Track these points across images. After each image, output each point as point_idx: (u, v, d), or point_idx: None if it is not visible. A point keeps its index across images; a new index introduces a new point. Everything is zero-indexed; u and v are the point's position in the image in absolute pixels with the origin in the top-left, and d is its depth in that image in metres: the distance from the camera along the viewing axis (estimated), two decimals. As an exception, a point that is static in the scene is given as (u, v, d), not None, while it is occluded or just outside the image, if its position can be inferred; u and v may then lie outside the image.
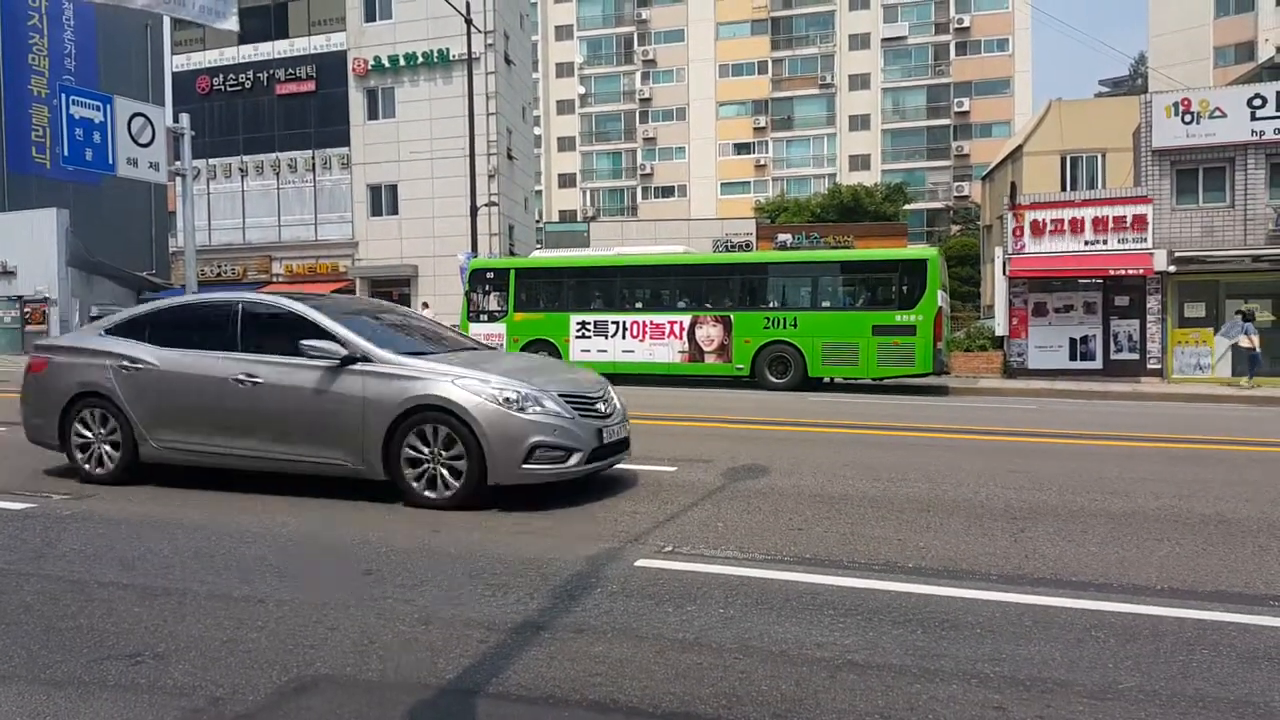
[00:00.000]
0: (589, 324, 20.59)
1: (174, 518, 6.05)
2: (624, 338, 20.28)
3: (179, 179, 29.95)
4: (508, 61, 36.63)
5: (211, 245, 36.57)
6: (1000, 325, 23.93)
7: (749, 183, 66.34)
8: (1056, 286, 23.11)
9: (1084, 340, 22.98)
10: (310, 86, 36.50)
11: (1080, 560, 5.22)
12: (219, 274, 36.45)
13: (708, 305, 19.93)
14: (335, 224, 36.56)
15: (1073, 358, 22.97)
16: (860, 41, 65.43)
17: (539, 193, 61.17)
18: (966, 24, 63.27)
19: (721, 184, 66.89)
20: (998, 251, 25.06)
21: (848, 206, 51.02)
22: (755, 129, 66.30)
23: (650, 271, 21.21)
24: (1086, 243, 22.58)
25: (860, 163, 65.23)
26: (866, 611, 4.25)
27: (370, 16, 35.89)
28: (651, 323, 20.12)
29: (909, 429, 11.74)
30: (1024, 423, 12.83)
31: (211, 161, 36.88)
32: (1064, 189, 30.76)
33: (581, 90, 70.76)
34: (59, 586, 4.55)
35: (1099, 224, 22.51)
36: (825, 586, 4.64)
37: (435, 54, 34.85)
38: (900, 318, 18.16)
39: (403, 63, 35.29)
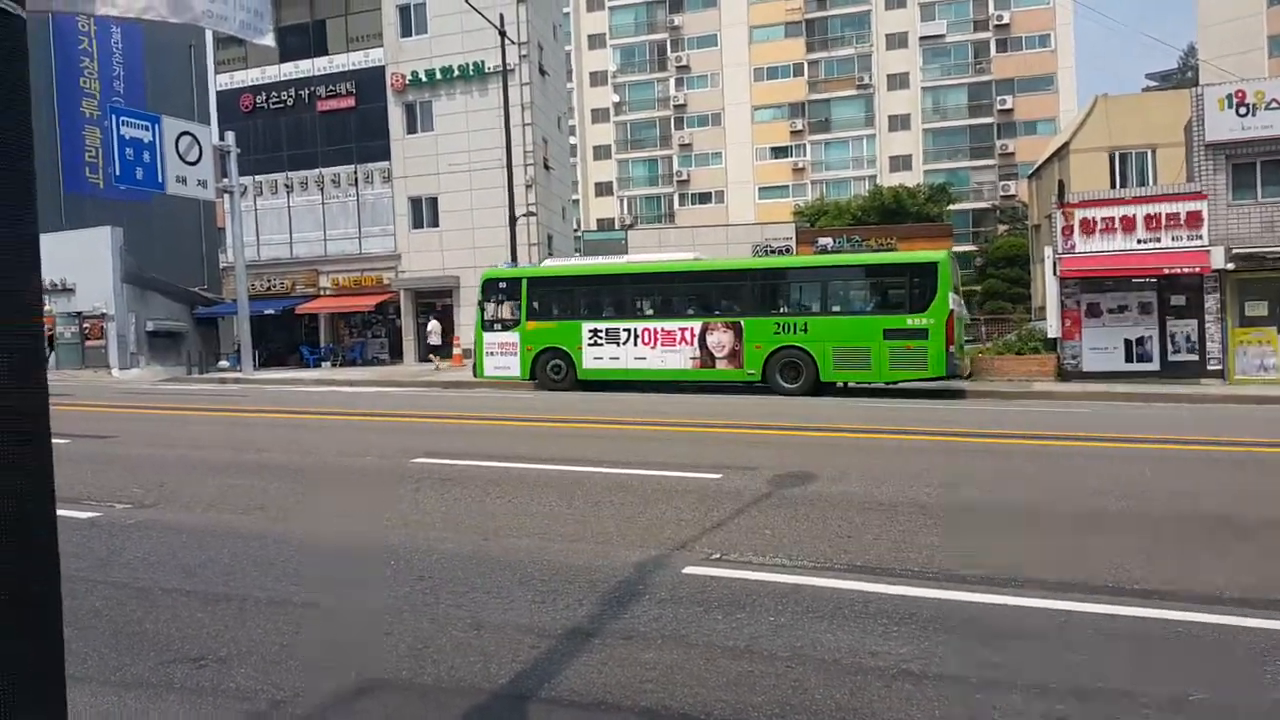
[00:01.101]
0: (601, 332, 20.56)
1: (232, 527, 6.17)
2: (636, 345, 20.25)
3: (227, 195, 30.78)
4: (542, 72, 36.87)
5: (260, 260, 37.18)
6: (1052, 327, 23.50)
7: (787, 186, 65.98)
8: (1109, 286, 22.63)
9: (1140, 341, 22.47)
10: (350, 102, 37.00)
11: (1145, 567, 5.10)
12: (268, 288, 37.03)
13: (719, 312, 19.88)
14: (378, 237, 37.00)
15: (1129, 359, 22.46)
16: (898, 41, 64.83)
17: (576, 201, 61.37)
18: (1006, 20, 62.43)
19: (759, 188, 66.62)
20: (1047, 251, 24.64)
21: (890, 208, 50.51)
22: (792, 132, 65.95)
23: (661, 279, 21.13)
24: (1139, 241, 22.09)
25: (901, 163, 64.58)
26: (921, 620, 4.21)
27: (406, 32, 36.32)
28: (663, 330, 20.07)
29: (956, 434, 11.59)
30: (1079, 427, 12.61)
31: (257, 178, 37.52)
32: (1113, 186, 30.16)
33: (616, 98, 70.95)
34: (125, 593, 4.67)
35: (1151, 221, 22.02)
36: (877, 594, 4.59)
37: (471, 67, 35.18)
38: (911, 321, 18.02)
39: (439, 76, 35.66)
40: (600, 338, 20.52)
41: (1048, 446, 10.25)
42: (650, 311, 20.67)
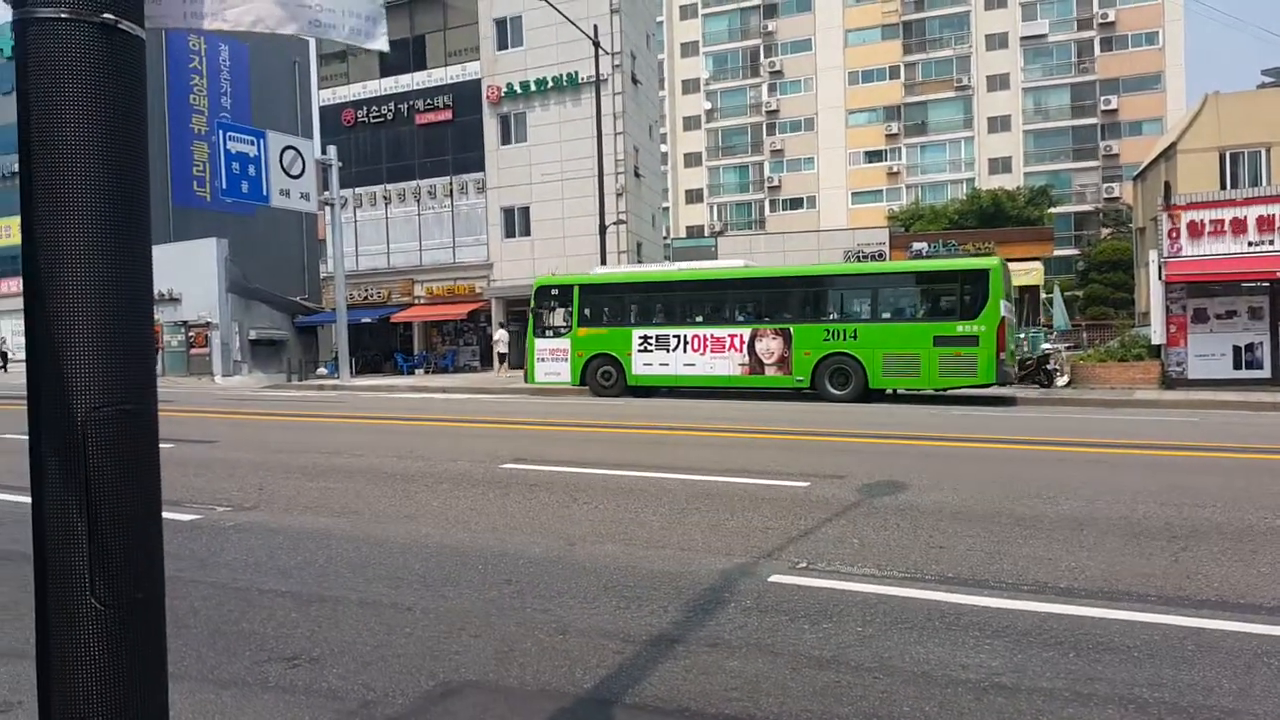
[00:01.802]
0: (651, 338, 20.79)
1: (326, 529, 6.37)
2: (685, 351, 20.42)
3: (328, 208, 31.87)
4: (634, 81, 37.13)
5: (359, 270, 38.42)
6: (1157, 333, 22.50)
7: (881, 191, 64.82)
8: (1218, 291, 21.55)
9: (1249, 348, 21.32)
10: (447, 115, 37.95)
11: (1249, 582, 4.84)
12: (366, 297, 38.23)
13: (767, 318, 19.96)
14: (471, 246, 37.81)
15: (1237, 366, 21.34)
16: (998, 41, 63.08)
17: (666, 209, 61.58)
18: (1111, 19, 60.12)
19: (852, 193, 65.63)
20: (1152, 255, 23.60)
21: (988, 212, 49.11)
22: (887, 135, 64.78)
23: (710, 286, 21.21)
24: (1250, 244, 20.97)
25: (1000, 166, 62.74)
26: (1015, 633, 4.08)
27: (503, 45, 37.08)
28: (712, 336, 20.20)
29: (1052, 443, 11.17)
30: (1183, 436, 12.01)
31: (357, 190, 38.79)
32: (1223, 187, 28.66)
33: (707, 105, 70.95)
34: (223, 593, 4.86)
35: (1264, 223, 20.88)
36: (969, 606, 4.47)
37: (564, 78, 35.68)
38: (962, 328, 17.92)
39: (534, 88, 36.27)
40: (650, 344, 20.78)
41: (1154, 457, 9.79)
42: (700, 318, 20.79)
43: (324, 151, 32.31)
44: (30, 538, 4.99)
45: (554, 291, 22.28)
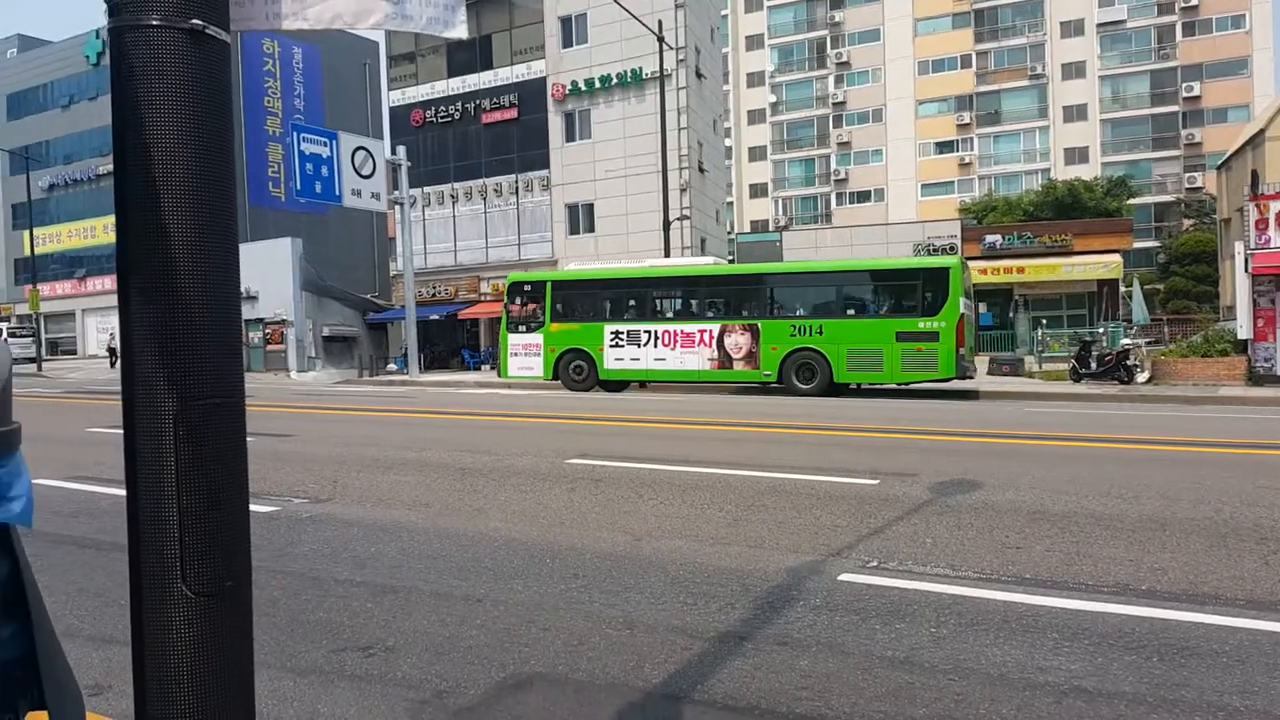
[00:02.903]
0: (622, 333, 21.25)
1: (399, 522, 6.49)
2: (656, 346, 20.90)
3: (397, 207, 32.45)
4: (699, 75, 37.01)
5: (427, 268, 39.04)
6: (1243, 328, 21.63)
7: (953, 183, 63.44)
8: (1310, 283, 20.64)
9: (1345, 342, 20.39)
10: (513, 114, 38.32)
11: (1351, 589, 4.62)
12: (434, 295, 38.84)
13: (736, 314, 20.49)
14: (536, 244, 38.15)
15: (1331, 361, 20.42)
16: (1073, 28, 61.23)
17: (730, 204, 61.24)
18: (1194, 2, 57.88)
19: (922, 185, 64.38)
20: (1238, 247, 22.68)
21: (1064, 203, 47.69)
22: (959, 126, 63.35)
23: (681, 282, 21.78)
24: (1345, 233, 20.05)
25: (1077, 156, 60.92)
26: (1095, 636, 3.96)
27: (568, 42, 37.29)
28: (682, 332, 20.72)
29: (1132, 441, 10.83)
30: (1273, 434, 11.53)
31: (425, 189, 39.42)
32: (1317, 174, 27.43)
33: (772, 98, 70.32)
34: (300, 582, 4.98)
35: (1361, 211, 19.93)
36: (1047, 608, 4.36)
37: (629, 74, 35.73)
38: (923, 325, 18.51)
39: (598, 85, 36.41)
40: (621, 339, 21.28)
41: (1240, 455, 9.42)
42: (670, 314, 21.41)
43: (394, 152, 32.90)
44: (119, 527, 5.18)
45: (527, 288, 22.88)
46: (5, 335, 42.98)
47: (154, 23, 1.53)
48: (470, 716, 3.23)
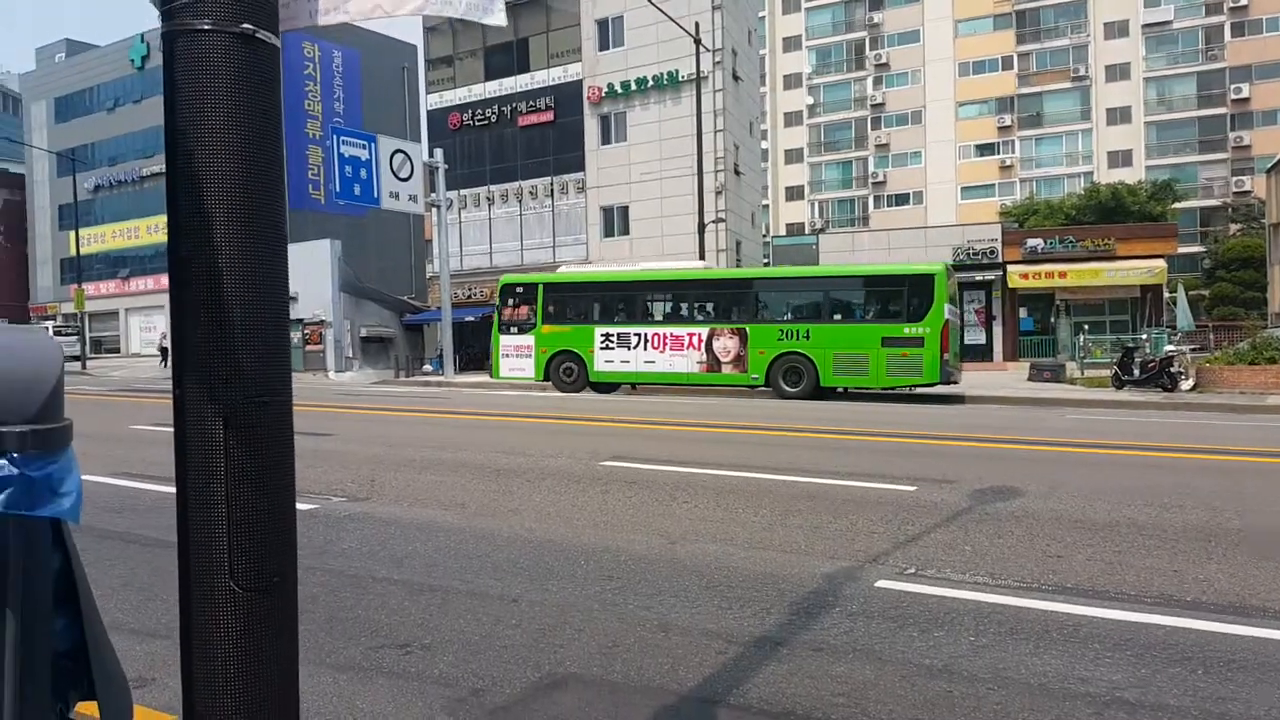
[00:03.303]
0: (612, 336, 21.54)
1: (435, 521, 6.54)
2: (645, 349, 21.17)
3: (434, 209, 32.72)
4: (735, 78, 36.93)
5: (463, 269, 39.30)
6: (1292, 334, 21.17)
7: (993, 185, 62.60)
8: (1364, 289, 20.14)
9: (1400, 350, 19.85)
10: (549, 117, 38.49)
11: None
12: (469, 296, 39.07)
13: (725, 318, 20.75)
14: (571, 246, 38.26)
15: (1386, 370, 19.90)
16: (1117, 29, 60.23)
17: (766, 207, 61.00)
18: (1244, 2, 56.70)
19: (962, 188, 63.63)
20: (1288, 251, 22.20)
21: (1107, 207, 46.91)
22: (999, 128, 62.54)
23: (670, 286, 22.12)
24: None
25: (1120, 159, 59.89)
26: (1137, 647, 3.89)
27: (604, 45, 37.39)
28: (671, 335, 21.01)
29: (1175, 450, 10.62)
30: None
31: (462, 191, 39.69)
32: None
33: (810, 100, 69.94)
34: (339, 580, 5.03)
35: None
36: (1089, 618, 4.29)
37: (665, 76, 35.74)
38: (908, 330, 18.78)
39: (634, 87, 36.46)
40: (612, 342, 21.57)
41: (1293, 468, 9.21)
42: (660, 317, 21.75)
43: (431, 154, 33.19)
44: (162, 523, 5.28)
45: (519, 290, 23.15)
46: (51, 334, 43.93)
47: (205, 27, 1.55)
48: (506, 715, 3.25)
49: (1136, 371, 20.81)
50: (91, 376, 33.45)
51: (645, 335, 21.25)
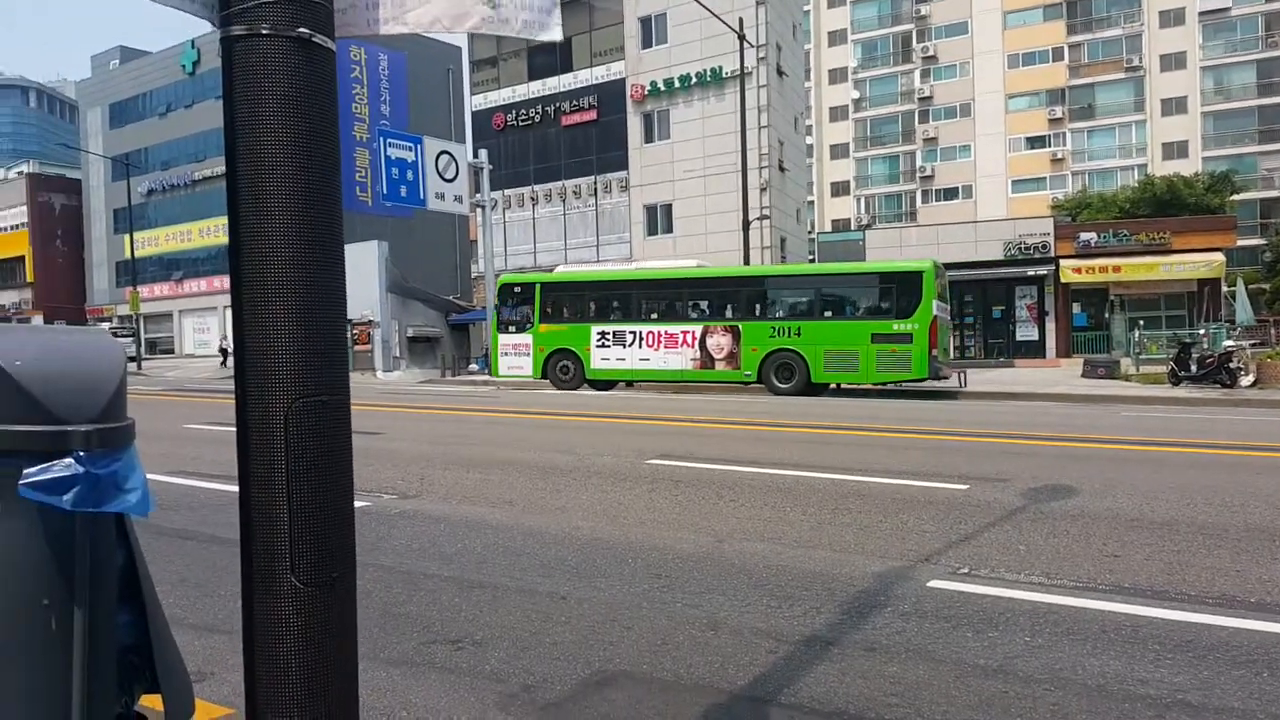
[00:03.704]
0: (608, 334, 21.97)
1: (484, 519, 6.60)
2: (640, 347, 21.58)
3: (479, 210, 32.98)
4: (780, 73, 36.71)
5: (507, 269, 39.61)
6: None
7: (1044, 179, 61.44)
8: None
9: None
10: (592, 116, 38.62)
11: None
12: (515, 295, 39.29)
13: (718, 316, 21.12)
14: (614, 244, 38.35)
15: None
16: (1173, 18, 58.78)
17: (811, 203, 60.52)
18: (1307, -15, 55.11)
19: (1012, 182, 62.54)
20: (1354, 242, 21.49)
21: (1163, 200, 45.75)
22: (1050, 120, 61.38)
23: (664, 285, 22.52)
24: None
25: (1176, 150, 58.44)
26: (1199, 648, 3.80)
27: (648, 43, 37.41)
28: (666, 333, 21.37)
29: (1235, 447, 10.34)
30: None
31: (506, 192, 39.98)
32: None
33: (855, 95, 69.27)
34: (392, 576, 5.09)
35: None
36: (1148, 619, 4.20)
37: (708, 73, 35.65)
38: (897, 327, 19.13)
39: (677, 85, 36.42)
40: (608, 340, 22.01)
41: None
42: (654, 316, 22.01)
43: (475, 155, 33.46)
44: (216, 520, 5.40)
45: (517, 289, 23.59)
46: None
47: (264, 32, 1.58)
48: (558, 711, 3.26)
49: (1194, 367, 20.31)
50: (146, 377, 34.28)
51: (640, 333, 21.69)
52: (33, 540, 1.42)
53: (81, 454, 1.42)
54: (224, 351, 43.20)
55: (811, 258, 39.40)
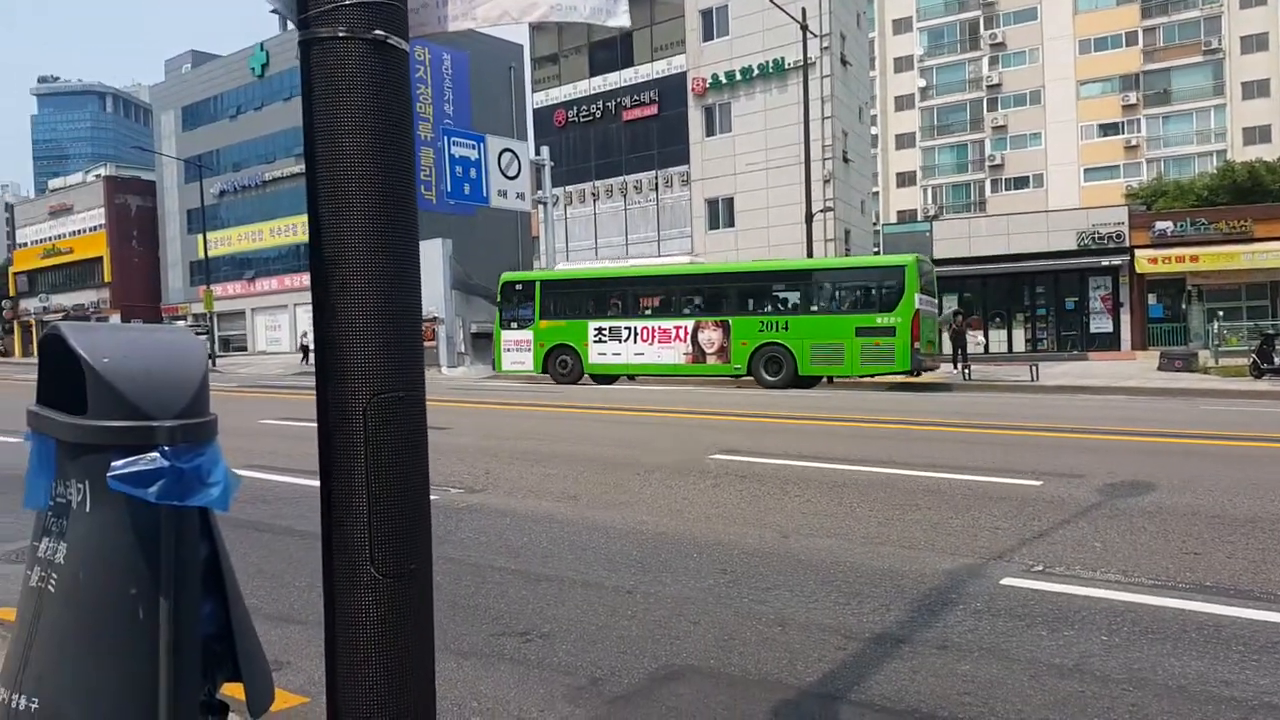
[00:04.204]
0: (605, 330, 22.55)
1: (549, 513, 6.65)
2: (636, 342, 22.12)
3: (541, 206, 33.22)
4: (844, 63, 36.23)
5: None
6: None
7: (1118, 166, 59.55)
8: None
9: None
10: (653, 110, 38.59)
11: None
12: (576, 290, 39.53)
13: (709, 311, 21.65)
14: (676, 239, 38.30)
15: None
16: (1254, -3, 56.45)
17: (876, 194, 59.59)
18: (1401, -44, 52.41)
19: (1085, 170, 60.74)
20: None
21: (1243, 187, 43.93)
22: (1124, 106, 59.43)
23: (658, 282, 23.45)
24: None
25: (1258, 135, 56.08)
26: (1289, 652, 3.66)
27: (709, 35, 37.23)
28: (660, 328, 21.92)
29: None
30: None
31: (567, 188, 40.19)
32: None
33: (922, 83, 67.94)
34: (460, 569, 5.17)
35: None
36: (1231, 618, 4.06)
37: (770, 64, 35.34)
38: (881, 320, 19.48)
39: (739, 77, 36.19)
40: (605, 335, 22.60)
41: None
42: (649, 311, 22.77)
43: (537, 152, 33.70)
44: (292, 513, 5.53)
45: (518, 287, 24.29)
46: None
47: (340, 34, 1.62)
48: (626, 705, 3.28)
49: (1277, 360, 19.55)
50: (220, 374, 35.29)
51: (635, 329, 22.21)
52: (121, 532, 1.48)
53: (166, 449, 1.47)
54: (304, 349, 44.26)
55: (876, 250, 38.81)
